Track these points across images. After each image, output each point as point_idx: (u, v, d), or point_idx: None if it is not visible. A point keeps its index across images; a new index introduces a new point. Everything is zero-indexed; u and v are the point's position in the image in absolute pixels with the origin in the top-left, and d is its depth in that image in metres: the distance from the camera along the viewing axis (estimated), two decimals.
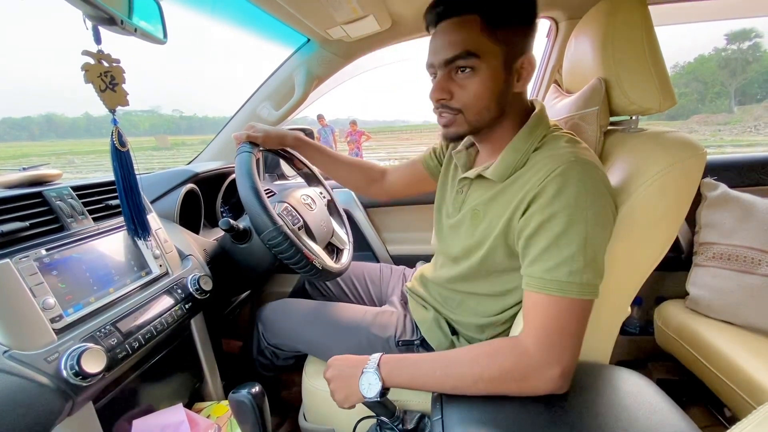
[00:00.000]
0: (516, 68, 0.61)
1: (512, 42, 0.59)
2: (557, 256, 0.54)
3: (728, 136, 21.34)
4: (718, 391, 0.91)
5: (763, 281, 0.98)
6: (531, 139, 0.63)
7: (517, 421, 0.53)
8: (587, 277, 0.54)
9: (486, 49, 0.58)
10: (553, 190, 0.55)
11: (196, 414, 0.73)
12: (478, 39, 0.58)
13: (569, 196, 0.54)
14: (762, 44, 46.23)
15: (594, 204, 0.54)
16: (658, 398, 0.57)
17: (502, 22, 0.58)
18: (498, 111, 0.63)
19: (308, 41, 1.13)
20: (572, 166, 0.55)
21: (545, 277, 0.55)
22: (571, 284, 0.53)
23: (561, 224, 0.54)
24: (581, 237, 0.53)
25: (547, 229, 0.55)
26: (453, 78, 0.61)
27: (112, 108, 0.58)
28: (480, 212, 0.68)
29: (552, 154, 0.59)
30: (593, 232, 0.54)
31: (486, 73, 0.59)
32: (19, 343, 0.48)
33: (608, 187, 0.57)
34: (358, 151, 8.76)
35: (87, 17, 0.51)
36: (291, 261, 0.77)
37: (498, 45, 0.59)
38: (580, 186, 0.54)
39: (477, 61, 0.59)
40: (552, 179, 0.55)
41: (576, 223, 0.53)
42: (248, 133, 0.86)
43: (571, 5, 1.11)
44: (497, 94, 0.61)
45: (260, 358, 0.94)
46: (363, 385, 0.61)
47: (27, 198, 0.60)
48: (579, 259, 0.53)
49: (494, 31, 0.58)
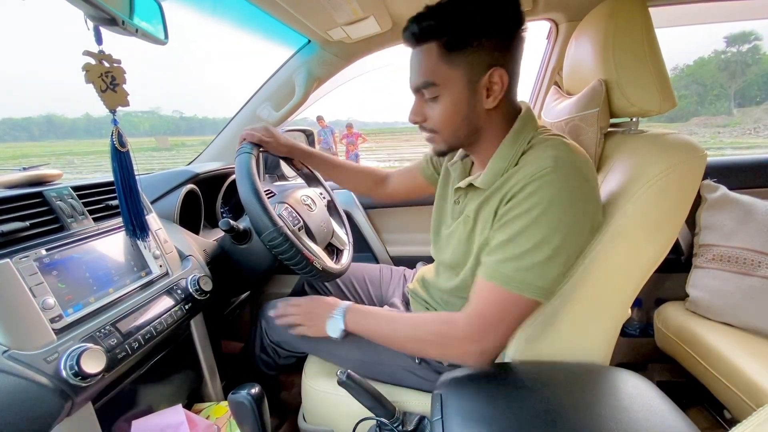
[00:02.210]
0: (482, 86, 0.60)
1: (473, 62, 0.59)
2: (510, 251, 0.58)
3: (728, 138, 21.37)
4: (718, 392, 0.91)
5: (762, 283, 0.98)
6: (517, 144, 0.63)
7: (517, 421, 0.53)
8: (532, 277, 0.57)
9: (444, 76, 0.60)
10: (527, 193, 0.57)
11: (196, 415, 0.73)
12: (435, 68, 0.60)
13: (540, 201, 0.56)
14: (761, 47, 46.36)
15: (561, 212, 0.55)
16: (658, 400, 0.57)
17: (459, 45, 0.58)
18: (470, 129, 0.64)
19: (309, 42, 1.13)
20: (549, 172, 0.56)
21: (495, 267, 0.59)
22: (514, 279, 0.57)
23: (523, 223, 0.57)
24: (538, 239, 0.56)
25: (510, 225, 0.58)
26: (425, 101, 0.64)
27: (113, 108, 0.58)
28: (470, 219, 0.69)
29: (534, 158, 0.60)
30: (553, 237, 0.56)
31: (448, 98, 0.61)
32: (19, 343, 0.47)
33: (587, 194, 0.58)
34: (356, 152, 8.78)
35: (88, 17, 0.51)
36: (291, 262, 0.77)
37: (457, 69, 0.59)
38: (553, 192, 0.55)
39: (437, 89, 0.61)
40: (528, 183, 0.57)
41: (538, 225, 0.56)
42: (260, 135, 0.88)
43: (571, 7, 1.12)
44: (464, 115, 0.63)
45: (263, 356, 0.94)
46: (329, 325, 0.74)
47: (27, 198, 0.60)
48: (528, 258, 0.56)
49: (451, 57, 0.59)
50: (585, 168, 0.59)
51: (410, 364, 0.78)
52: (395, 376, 0.79)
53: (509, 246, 0.58)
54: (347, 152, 8.62)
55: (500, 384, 0.61)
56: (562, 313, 0.65)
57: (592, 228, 0.60)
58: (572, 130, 0.75)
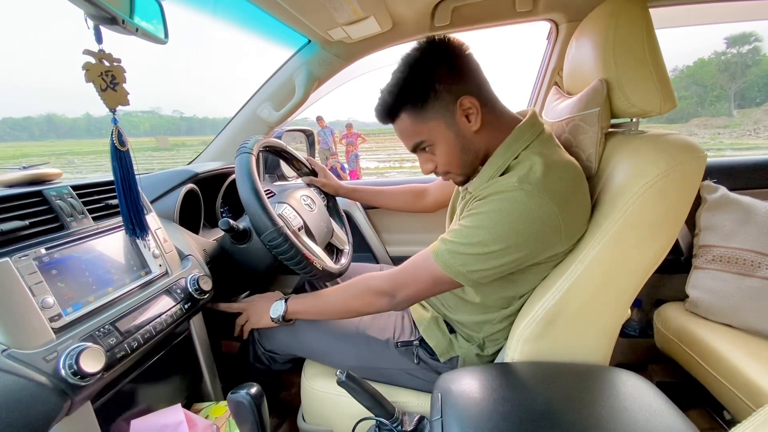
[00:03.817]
0: (459, 117, 0.66)
1: (440, 105, 0.65)
2: (454, 236, 0.65)
3: (728, 139, 21.37)
4: (718, 393, 0.91)
5: (762, 284, 0.98)
6: (507, 154, 0.67)
7: (517, 421, 0.53)
8: (456, 261, 0.63)
9: (426, 130, 0.67)
10: (487, 200, 0.63)
11: (195, 414, 0.73)
12: (415, 129, 0.68)
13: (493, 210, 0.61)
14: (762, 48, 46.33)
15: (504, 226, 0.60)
16: (657, 400, 0.57)
17: (420, 102, 0.65)
18: (473, 154, 0.70)
19: (309, 42, 1.13)
20: (510, 190, 0.60)
21: (439, 242, 0.67)
22: (443, 255, 0.65)
23: (473, 221, 0.63)
24: (476, 239, 0.62)
25: (466, 219, 0.65)
26: (427, 155, 0.71)
27: (113, 107, 0.57)
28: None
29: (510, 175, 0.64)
30: (491, 243, 0.61)
31: (441, 144, 0.68)
32: (18, 342, 0.47)
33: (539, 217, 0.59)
34: (356, 153, 8.77)
35: (88, 17, 0.51)
36: (291, 262, 0.77)
37: (432, 120, 0.66)
38: (505, 207, 0.60)
39: (428, 142, 0.69)
40: (493, 193, 0.62)
41: (481, 228, 0.62)
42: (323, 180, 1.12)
43: (571, 8, 1.12)
44: (461, 147, 0.68)
45: (257, 365, 0.93)
46: (272, 310, 0.82)
47: (27, 197, 0.60)
48: (463, 248, 0.63)
49: (421, 114, 0.66)
50: (551, 193, 0.60)
51: (409, 366, 0.78)
52: (393, 378, 0.79)
53: (455, 233, 0.65)
54: (347, 152, 8.61)
55: (500, 384, 0.61)
56: (562, 313, 0.65)
57: (544, 246, 0.62)
58: (573, 130, 0.75)
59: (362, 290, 0.75)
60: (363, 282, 0.76)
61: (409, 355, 0.78)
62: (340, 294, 0.78)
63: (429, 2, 0.99)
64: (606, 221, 0.63)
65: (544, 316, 0.65)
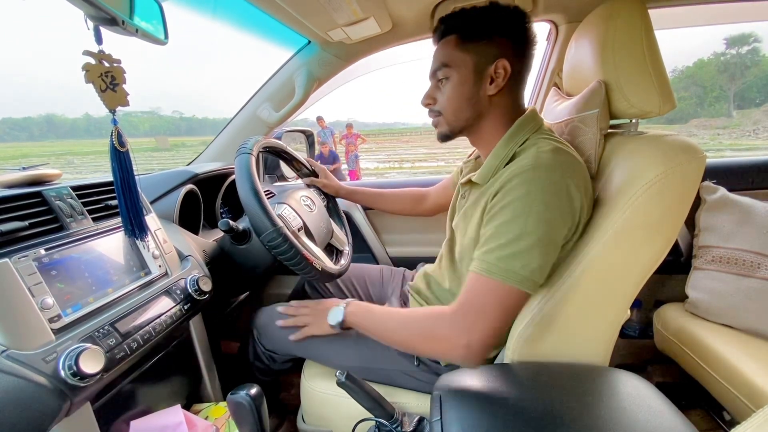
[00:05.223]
0: (488, 73, 0.67)
1: (483, 51, 0.67)
2: (494, 242, 0.60)
3: (727, 139, 21.39)
4: (718, 394, 0.91)
5: (761, 284, 0.98)
6: (511, 144, 0.68)
7: (516, 422, 0.53)
8: (515, 265, 0.58)
9: (456, 59, 0.69)
10: (507, 188, 0.61)
11: (194, 415, 0.73)
12: (450, 53, 0.69)
13: (517, 194, 0.60)
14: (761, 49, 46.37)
15: (538, 203, 0.58)
16: (657, 401, 0.57)
17: (472, 36, 0.68)
18: (473, 112, 0.70)
19: (309, 43, 1.13)
20: (528, 170, 0.60)
21: (480, 258, 0.62)
22: (497, 267, 0.59)
23: (503, 216, 0.60)
24: (518, 229, 0.58)
25: (494, 220, 0.62)
26: (438, 87, 0.72)
27: (113, 108, 0.57)
28: (468, 214, 0.72)
29: (520, 159, 0.64)
30: (533, 228, 0.58)
31: (456, 78, 0.69)
32: (17, 343, 0.47)
33: (564, 191, 0.60)
34: (356, 153, 8.77)
35: (88, 17, 0.51)
36: (290, 262, 0.77)
37: (468, 54, 0.68)
38: (530, 185, 0.59)
39: (449, 70, 0.69)
40: (510, 180, 0.61)
41: (517, 216, 0.59)
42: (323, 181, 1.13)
43: (571, 9, 1.12)
44: (468, 96, 0.69)
45: (257, 363, 0.94)
46: (330, 315, 0.78)
47: (26, 197, 0.60)
48: (510, 247, 0.58)
49: (465, 45, 0.68)
50: (566, 167, 0.61)
51: (409, 367, 0.78)
52: (394, 379, 0.79)
53: (493, 238, 0.61)
54: (347, 153, 8.61)
55: (499, 385, 0.61)
56: (562, 314, 0.65)
57: (573, 223, 0.62)
58: (572, 131, 0.75)
59: (429, 334, 0.65)
60: (429, 322, 0.66)
61: (409, 357, 0.78)
62: (404, 327, 0.69)
63: (429, 3, 0.99)
64: (605, 222, 0.63)
65: (544, 317, 0.65)
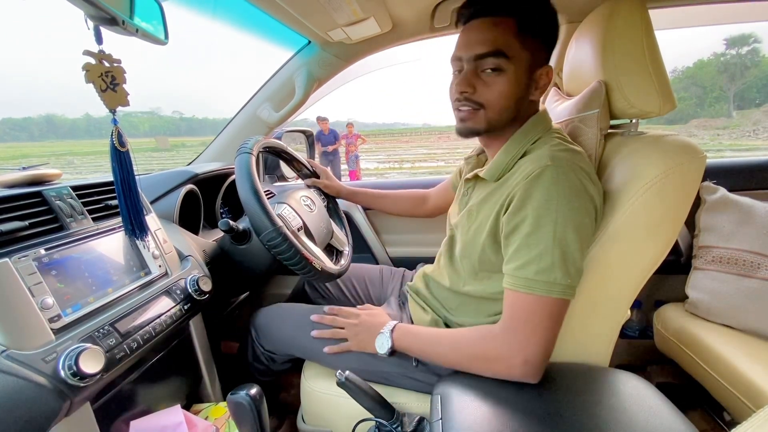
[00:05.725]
0: (536, 77, 0.64)
1: (537, 51, 0.63)
2: (526, 254, 0.57)
3: (727, 140, 21.39)
4: (718, 394, 0.91)
5: (762, 285, 0.98)
6: (523, 141, 0.66)
7: (516, 422, 0.53)
8: (555, 276, 0.56)
9: (516, 52, 0.61)
10: (526, 192, 0.58)
11: (194, 415, 0.73)
12: (510, 41, 0.61)
13: (539, 199, 0.57)
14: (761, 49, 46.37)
15: (563, 206, 0.56)
16: (657, 402, 0.57)
17: (533, 30, 0.61)
18: (515, 113, 0.66)
19: (309, 43, 1.13)
20: (545, 170, 0.57)
21: (516, 274, 0.59)
22: (537, 282, 0.56)
23: (530, 225, 0.57)
24: (549, 237, 0.56)
25: (520, 229, 0.59)
26: (479, 75, 0.64)
27: (113, 108, 0.57)
28: (474, 212, 0.70)
29: (533, 158, 0.62)
30: (562, 232, 0.56)
31: (512, 75, 0.62)
32: (17, 343, 0.47)
33: (584, 188, 0.58)
34: (356, 153, 8.76)
35: (88, 17, 0.51)
36: (290, 262, 0.77)
37: (526, 51, 0.62)
38: (551, 188, 0.56)
39: (506, 62, 0.61)
40: (526, 182, 0.58)
41: (544, 224, 0.56)
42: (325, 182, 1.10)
43: (571, 9, 1.12)
44: (518, 97, 0.64)
45: (256, 364, 0.93)
46: (378, 343, 0.73)
47: (26, 197, 0.60)
48: (546, 258, 0.56)
49: (525, 37, 0.61)
50: (583, 164, 0.60)
51: (408, 368, 0.77)
52: (393, 380, 0.79)
53: (524, 250, 0.58)
54: (347, 153, 8.60)
55: (499, 385, 0.61)
56: None
57: (597, 217, 0.61)
58: (572, 131, 0.75)
59: (482, 356, 0.63)
60: (479, 343, 0.64)
61: (409, 358, 0.78)
62: (454, 350, 0.67)
63: (429, 3, 0.99)
64: (605, 222, 0.63)
65: None
